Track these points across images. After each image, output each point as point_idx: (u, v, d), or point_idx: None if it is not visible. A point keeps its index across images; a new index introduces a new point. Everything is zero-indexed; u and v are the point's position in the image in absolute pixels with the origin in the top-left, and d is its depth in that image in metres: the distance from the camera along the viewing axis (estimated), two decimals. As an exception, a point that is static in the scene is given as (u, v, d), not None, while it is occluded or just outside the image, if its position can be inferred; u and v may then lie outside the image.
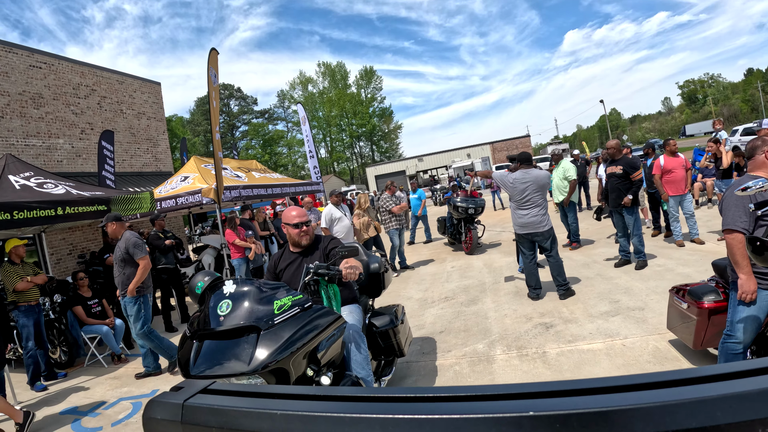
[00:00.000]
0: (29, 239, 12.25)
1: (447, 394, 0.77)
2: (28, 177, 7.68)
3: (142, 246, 6.25)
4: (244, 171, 12.60)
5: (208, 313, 2.73)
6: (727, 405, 0.57)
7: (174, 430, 0.92)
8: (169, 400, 0.95)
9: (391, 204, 10.66)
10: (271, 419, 0.82)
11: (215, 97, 9.33)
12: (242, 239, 9.62)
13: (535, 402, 0.67)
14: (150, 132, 18.11)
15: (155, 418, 0.95)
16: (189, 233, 21.38)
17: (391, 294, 8.44)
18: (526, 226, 6.56)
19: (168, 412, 0.94)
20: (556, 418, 0.61)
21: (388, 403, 0.79)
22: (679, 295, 4.16)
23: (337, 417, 0.77)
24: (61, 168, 13.91)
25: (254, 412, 0.86)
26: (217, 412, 0.90)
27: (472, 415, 0.67)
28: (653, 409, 0.59)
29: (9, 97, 13.06)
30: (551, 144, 56.36)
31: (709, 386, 0.61)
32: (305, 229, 3.78)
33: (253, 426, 0.83)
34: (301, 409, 0.82)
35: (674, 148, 8.44)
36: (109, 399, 5.82)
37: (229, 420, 0.87)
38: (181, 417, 0.92)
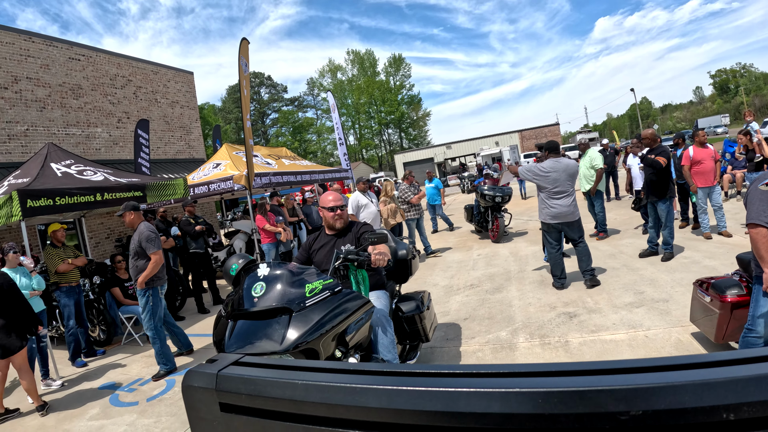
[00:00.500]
0: (70, 224, 12.73)
1: (445, 371, 0.89)
2: (68, 165, 8.01)
3: (156, 240, 6.06)
4: (274, 158, 12.82)
5: (243, 294, 2.83)
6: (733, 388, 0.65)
7: (209, 396, 1.06)
8: (205, 370, 1.10)
9: (409, 194, 10.91)
10: (293, 388, 0.96)
11: (246, 86, 9.53)
12: (272, 225, 9.83)
13: (551, 380, 0.77)
14: (183, 120, 18.51)
15: (192, 386, 1.10)
16: (221, 219, 21.79)
17: (417, 281, 8.56)
18: (558, 216, 6.55)
19: (204, 380, 1.08)
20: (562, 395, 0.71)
21: (396, 376, 0.92)
22: (702, 288, 4.13)
23: (349, 387, 0.90)
24: (100, 156, 14.37)
25: (279, 381, 0.99)
26: (247, 381, 1.03)
27: (466, 390, 0.79)
28: (655, 389, 0.67)
29: (50, 89, 13.52)
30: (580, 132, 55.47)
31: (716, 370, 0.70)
32: (339, 212, 3.92)
33: (278, 394, 0.97)
34: (319, 380, 0.96)
35: (704, 138, 8.29)
36: (144, 376, 6.12)
37: (257, 388, 1.01)
38: (216, 385, 1.06)
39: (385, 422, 0.84)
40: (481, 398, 0.75)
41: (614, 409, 0.67)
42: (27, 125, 12.77)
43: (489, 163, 35.93)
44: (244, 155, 10.04)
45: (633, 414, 0.66)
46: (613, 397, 0.67)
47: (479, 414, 0.74)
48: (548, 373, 0.78)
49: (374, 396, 0.85)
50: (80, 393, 5.84)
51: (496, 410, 0.73)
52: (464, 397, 0.77)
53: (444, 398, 0.79)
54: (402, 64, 78.66)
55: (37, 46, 13.36)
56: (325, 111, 77.05)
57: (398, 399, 0.83)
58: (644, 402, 0.66)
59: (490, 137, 53.91)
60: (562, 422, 0.69)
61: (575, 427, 0.69)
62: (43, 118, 13.21)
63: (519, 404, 0.72)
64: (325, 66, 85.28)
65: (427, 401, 0.80)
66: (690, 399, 0.65)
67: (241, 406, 1.02)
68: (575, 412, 0.69)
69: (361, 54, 79.31)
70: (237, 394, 1.02)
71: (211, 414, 1.06)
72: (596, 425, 0.68)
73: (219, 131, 18.40)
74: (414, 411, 0.80)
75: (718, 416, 0.64)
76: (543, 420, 0.70)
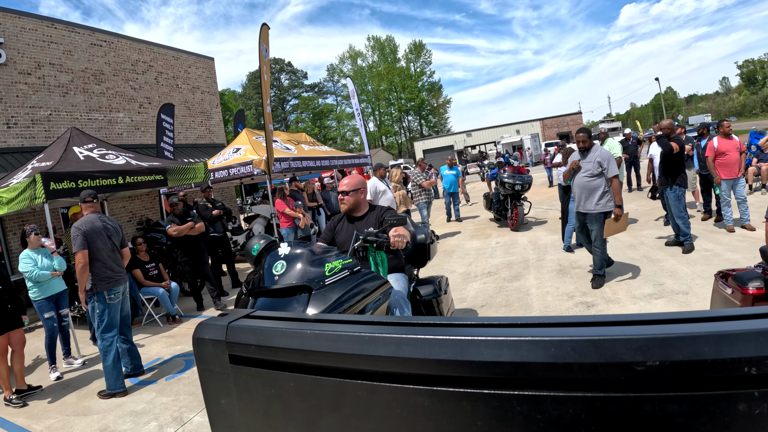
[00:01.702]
0: (92, 207, 12.89)
1: (456, 322, 0.87)
2: (91, 149, 8.11)
3: (78, 238, 5.19)
4: (294, 143, 12.87)
5: (264, 272, 2.87)
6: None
7: (219, 348, 1.07)
8: (216, 322, 1.11)
9: (420, 179, 11.30)
10: (303, 338, 0.96)
11: (266, 71, 9.55)
12: (292, 209, 9.89)
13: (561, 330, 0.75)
14: (204, 105, 18.63)
15: (203, 338, 1.10)
16: (240, 203, 21.97)
17: (435, 267, 8.55)
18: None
19: (214, 332, 1.09)
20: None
21: (406, 326, 0.92)
22: (723, 280, 4.07)
23: (358, 336, 0.89)
24: (121, 140, 14.53)
25: (289, 331, 1.00)
26: (257, 331, 1.04)
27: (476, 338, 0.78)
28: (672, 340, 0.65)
29: (73, 74, 13.68)
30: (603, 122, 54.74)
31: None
32: (340, 197, 4.02)
33: (288, 344, 0.97)
34: (329, 330, 0.96)
35: (728, 129, 8.08)
36: (164, 355, 6.22)
37: (267, 338, 1.01)
38: (226, 336, 1.06)
39: (393, 372, 0.83)
40: (491, 346, 0.74)
41: (630, 359, 0.65)
42: (50, 110, 12.94)
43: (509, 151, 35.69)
44: (264, 140, 10.08)
45: (650, 365, 0.64)
46: (629, 347, 0.65)
47: (490, 362, 0.73)
48: (561, 324, 0.76)
49: (383, 344, 0.85)
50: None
51: (507, 359, 0.71)
52: (474, 345, 0.75)
53: (454, 346, 0.77)
54: (423, 50, 78.23)
55: (60, 33, 13.50)
56: (345, 97, 77.02)
57: (407, 347, 0.82)
58: (662, 352, 0.64)
59: (510, 125, 53.42)
60: (576, 371, 0.67)
61: (589, 377, 0.67)
62: (65, 103, 13.38)
63: (530, 353, 0.70)
64: (346, 52, 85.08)
65: (436, 349, 0.79)
66: (710, 351, 0.62)
67: (250, 357, 1.02)
68: (589, 361, 0.66)
69: (381, 40, 79.02)
70: (246, 345, 1.03)
71: (220, 366, 1.07)
72: (611, 375, 0.66)
73: (242, 116, 18.50)
74: (423, 359, 0.79)
75: (739, 369, 0.61)
76: (556, 369, 0.68)
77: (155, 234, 9.96)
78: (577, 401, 0.68)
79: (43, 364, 6.46)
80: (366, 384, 0.86)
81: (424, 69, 78.57)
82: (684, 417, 0.63)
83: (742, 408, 0.61)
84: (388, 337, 0.86)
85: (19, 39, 12.35)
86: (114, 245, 5.41)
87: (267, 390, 1.01)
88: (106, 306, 5.20)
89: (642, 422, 0.65)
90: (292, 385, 0.96)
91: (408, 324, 0.93)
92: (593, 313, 5.30)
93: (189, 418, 4.32)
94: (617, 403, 0.66)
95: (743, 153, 8.20)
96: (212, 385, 1.11)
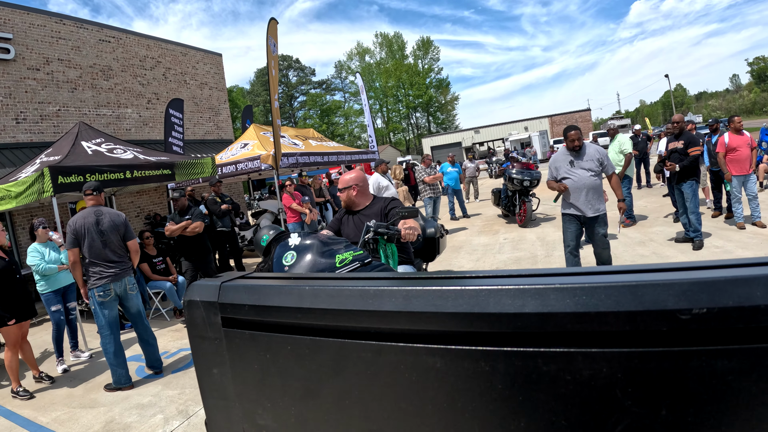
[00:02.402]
0: (101, 202, 12.95)
1: (472, 275, 0.77)
2: (99, 143, 8.12)
3: (68, 235, 5.14)
4: (302, 139, 12.86)
5: (273, 262, 2.86)
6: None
7: (211, 310, 0.98)
8: (208, 283, 1.04)
9: (424, 174, 11.44)
10: (300, 295, 0.86)
11: (274, 66, 9.53)
12: (299, 204, 9.88)
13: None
14: (212, 101, 18.67)
15: (194, 299, 1.03)
16: (248, 199, 22.00)
17: (442, 263, 8.51)
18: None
19: (207, 293, 1.01)
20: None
21: (414, 279, 0.85)
22: None
23: (361, 290, 0.80)
24: (130, 136, 14.59)
25: (285, 287, 0.91)
26: (251, 289, 0.96)
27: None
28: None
29: (81, 70, 13.74)
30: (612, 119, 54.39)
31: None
32: (338, 194, 4.05)
33: (284, 302, 0.88)
34: (328, 285, 0.87)
35: (739, 125, 8.00)
36: (170, 349, 6.22)
37: (262, 297, 0.92)
38: (218, 296, 0.98)
39: (401, 329, 0.73)
40: (514, 296, 0.63)
41: (674, 306, 0.55)
42: (59, 106, 12.99)
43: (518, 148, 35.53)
44: (272, 135, 10.07)
45: (696, 312, 0.54)
46: (672, 293, 0.56)
47: (511, 314, 0.61)
48: (592, 272, 0.67)
49: (389, 298, 0.75)
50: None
51: (532, 309, 0.60)
52: (494, 295, 0.64)
53: (470, 298, 0.67)
54: (431, 47, 77.95)
55: (68, 29, 13.54)
56: (353, 94, 76.92)
57: (416, 301, 0.72)
58: (709, 298, 0.54)
59: (519, 122, 53.26)
60: (611, 322, 0.57)
61: (626, 329, 0.57)
62: (74, 98, 13.43)
63: (558, 302, 0.59)
64: (354, 49, 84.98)
65: (450, 302, 0.68)
66: (763, 295, 0.53)
67: (244, 319, 0.94)
68: (626, 309, 0.56)
69: (389, 37, 78.84)
70: (240, 306, 0.94)
71: (212, 331, 0.99)
72: (652, 326, 0.56)
73: (250, 111, 18.52)
74: (434, 313, 0.69)
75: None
76: (588, 320, 0.58)
77: (162, 229, 9.98)
78: (613, 358, 0.58)
79: (51, 357, 6.48)
80: (371, 344, 0.77)
81: (432, 66, 78.33)
82: (736, 374, 0.53)
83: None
84: (395, 290, 0.76)
85: (27, 35, 12.41)
86: (109, 240, 5.20)
87: (262, 355, 0.92)
88: (97, 303, 5.08)
89: (688, 382, 0.55)
90: (289, 348, 0.88)
91: (417, 277, 0.83)
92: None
93: (194, 411, 4.31)
94: (659, 360, 0.56)
95: (754, 149, 8.10)
96: (204, 353, 1.03)
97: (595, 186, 5.60)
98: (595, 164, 5.59)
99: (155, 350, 5.53)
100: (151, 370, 5.47)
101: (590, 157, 5.62)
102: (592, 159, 5.61)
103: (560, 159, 5.79)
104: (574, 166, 5.65)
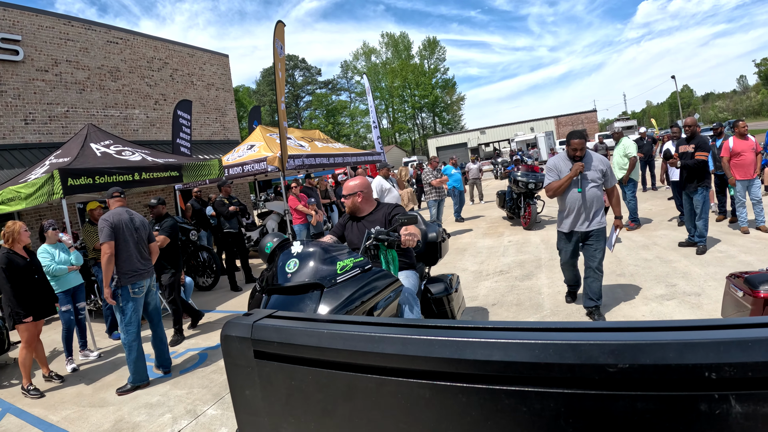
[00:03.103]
0: (108, 203, 13.07)
1: (454, 325, 1.00)
2: (108, 145, 8.21)
3: (104, 229, 5.10)
4: (308, 140, 12.94)
5: (277, 270, 2.92)
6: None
7: (245, 344, 1.21)
8: (242, 321, 1.25)
9: (431, 177, 11.44)
10: (320, 337, 1.09)
11: (281, 68, 9.61)
12: (305, 206, 9.95)
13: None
14: (218, 102, 18.77)
15: (231, 335, 1.25)
16: (254, 200, 22.09)
17: (447, 265, 8.55)
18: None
19: (241, 330, 1.23)
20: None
21: (410, 328, 1.03)
22: (735, 282, 4.04)
23: (369, 336, 1.02)
24: (137, 136, 14.71)
25: (307, 331, 1.13)
26: (279, 330, 1.18)
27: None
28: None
29: (89, 71, 13.87)
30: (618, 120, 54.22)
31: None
32: (343, 200, 4.09)
33: (306, 341, 1.11)
34: (343, 330, 1.09)
35: (744, 130, 8.00)
36: (178, 349, 6.31)
37: (288, 336, 1.15)
38: (251, 333, 1.20)
39: (399, 368, 0.95)
40: (484, 348, 0.86)
41: (603, 362, 0.75)
42: (67, 107, 13.12)
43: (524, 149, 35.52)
44: (278, 137, 10.14)
45: (621, 367, 0.74)
46: (602, 351, 0.76)
47: (482, 361, 0.85)
48: (545, 329, 0.89)
49: (390, 343, 0.97)
50: (115, 364, 6.05)
51: (498, 358, 0.83)
52: (470, 346, 0.88)
53: (452, 346, 0.90)
54: (437, 47, 77.91)
55: (77, 30, 13.67)
56: (359, 94, 77.01)
57: (412, 346, 0.94)
58: (631, 356, 0.74)
59: (525, 123, 53.21)
60: (556, 371, 0.78)
61: (568, 376, 0.78)
62: (82, 100, 13.56)
63: (517, 353, 0.82)
64: (359, 49, 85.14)
65: (437, 348, 0.91)
66: (674, 356, 0.72)
67: (272, 353, 1.16)
68: (568, 362, 0.77)
69: (395, 37, 78.88)
70: (270, 342, 1.16)
71: (245, 360, 1.20)
72: (587, 375, 0.76)
73: (257, 112, 18.63)
74: (426, 357, 0.92)
75: (700, 374, 0.70)
76: (539, 368, 0.80)
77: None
78: (558, 397, 0.79)
79: (60, 356, 6.57)
80: (375, 378, 0.98)
81: (438, 66, 78.33)
82: (651, 414, 0.73)
83: (703, 408, 0.70)
84: (395, 337, 0.98)
85: (36, 36, 12.54)
86: (141, 239, 5.38)
87: (287, 382, 1.15)
88: (129, 300, 5.14)
89: (614, 417, 0.75)
90: (310, 378, 1.10)
91: (413, 326, 1.05)
92: (605, 315, 5.31)
93: (202, 411, 4.39)
94: (593, 400, 0.77)
95: (759, 154, 8.10)
96: (238, 377, 1.25)
97: (595, 196, 5.17)
98: (599, 175, 5.16)
99: (167, 349, 5.63)
100: (160, 370, 5.55)
101: (594, 167, 5.18)
102: (596, 169, 5.17)
103: (561, 164, 5.31)
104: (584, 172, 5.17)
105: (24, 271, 5.45)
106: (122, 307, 5.12)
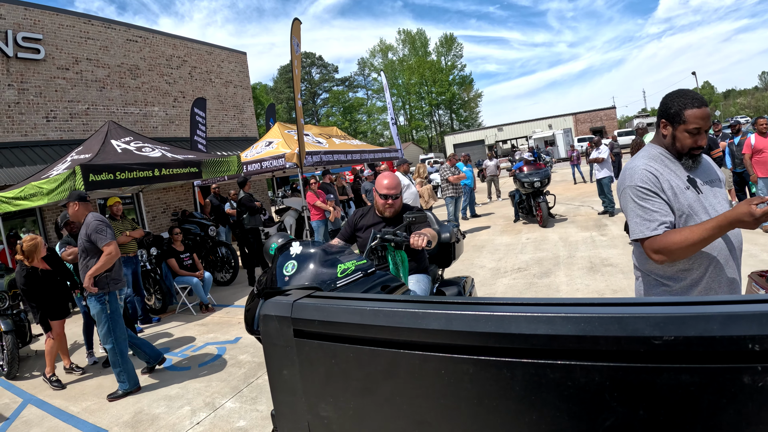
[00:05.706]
0: (128, 198, 13.25)
1: (498, 301, 0.99)
2: (128, 141, 8.30)
3: (108, 230, 4.99)
4: (325, 137, 12.96)
5: (275, 272, 2.78)
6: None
7: (284, 323, 1.21)
8: (281, 301, 1.27)
9: (448, 173, 11.40)
10: (362, 314, 1.09)
11: (297, 66, 9.63)
12: (323, 202, 9.97)
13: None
14: (236, 99, 18.88)
15: (270, 314, 1.25)
16: (272, 196, 22.21)
17: (464, 262, 8.53)
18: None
19: (281, 309, 1.24)
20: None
21: (454, 304, 1.05)
22: (757, 280, 3.95)
23: (413, 312, 1.02)
24: (156, 133, 14.84)
25: (349, 308, 1.14)
26: (319, 309, 1.19)
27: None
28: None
29: (109, 69, 14.02)
30: (638, 117, 53.42)
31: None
32: (391, 202, 3.65)
33: (348, 319, 1.11)
34: (386, 307, 1.08)
35: (763, 128, 7.85)
36: (196, 343, 6.36)
37: (330, 314, 1.16)
38: (291, 312, 1.21)
39: (443, 343, 0.96)
40: (529, 322, 0.85)
41: (649, 334, 0.75)
42: (88, 104, 13.28)
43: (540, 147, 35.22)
44: (296, 134, 10.17)
45: (665, 339, 0.74)
46: (648, 323, 0.76)
47: (527, 335, 0.84)
48: (590, 303, 0.88)
49: (435, 319, 0.98)
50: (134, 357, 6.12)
51: (542, 332, 0.83)
52: (515, 320, 0.88)
53: (496, 321, 0.90)
54: (453, 43, 77.59)
55: (96, 29, 13.83)
56: (376, 91, 77.07)
57: (456, 322, 0.95)
58: (676, 328, 0.74)
59: (543, 120, 52.69)
60: (602, 343, 0.79)
61: (613, 349, 0.78)
62: (102, 97, 13.72)
63: (563, 326, 0.82)
64: (376, 46, 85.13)
65: (481, 323, 0.92)
66: (717, 328, 0.72)
67: (313, 331, 1.17)
68: (614, 334, 0.78)
69: (412, 34, 78.68)
70: (310, 320, 1.17)
71: (284, 340, 1.21)
72: (632, 347, 0.77)
73: (273, 110, 18.71)
74: (469, 332, 0.92)
75: (743, 345, 0.71)
76: (585, 341, 0.80)
77: (189, 225, 10.16)
78: (603, 370, 0.79)
79: (80, 348, 6.66)
80: (418, 354, 0.99)
81: (455, 62, 78.03)
82: (695, 386, 0.73)
83: (746, 380, 0.71)
84: (440, 312, 0.98)
85: (57, 35, 12.70)
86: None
87: (328, 360, 1.15)
88: (117, 305, 5.00)
89: (659, 390, 0.76)
90: (351, 355, 1.10)
91: (456, 303, 1.06)
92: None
93: (221, 404, 4.42)
94: (637, 373, 0.77)
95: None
96: (276, 357, 1.26)
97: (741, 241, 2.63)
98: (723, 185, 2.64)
99: (148, 342, 5.64)
100: (153, 363, 5.52)
101: (715, 173, 2.49)
102: (719, 178, 2.52)
103: (665, 173, 2.28)
104: (700, 190, 2.32)
105: (45, 281, 5.66)
106: (110, 313, 4.92)
